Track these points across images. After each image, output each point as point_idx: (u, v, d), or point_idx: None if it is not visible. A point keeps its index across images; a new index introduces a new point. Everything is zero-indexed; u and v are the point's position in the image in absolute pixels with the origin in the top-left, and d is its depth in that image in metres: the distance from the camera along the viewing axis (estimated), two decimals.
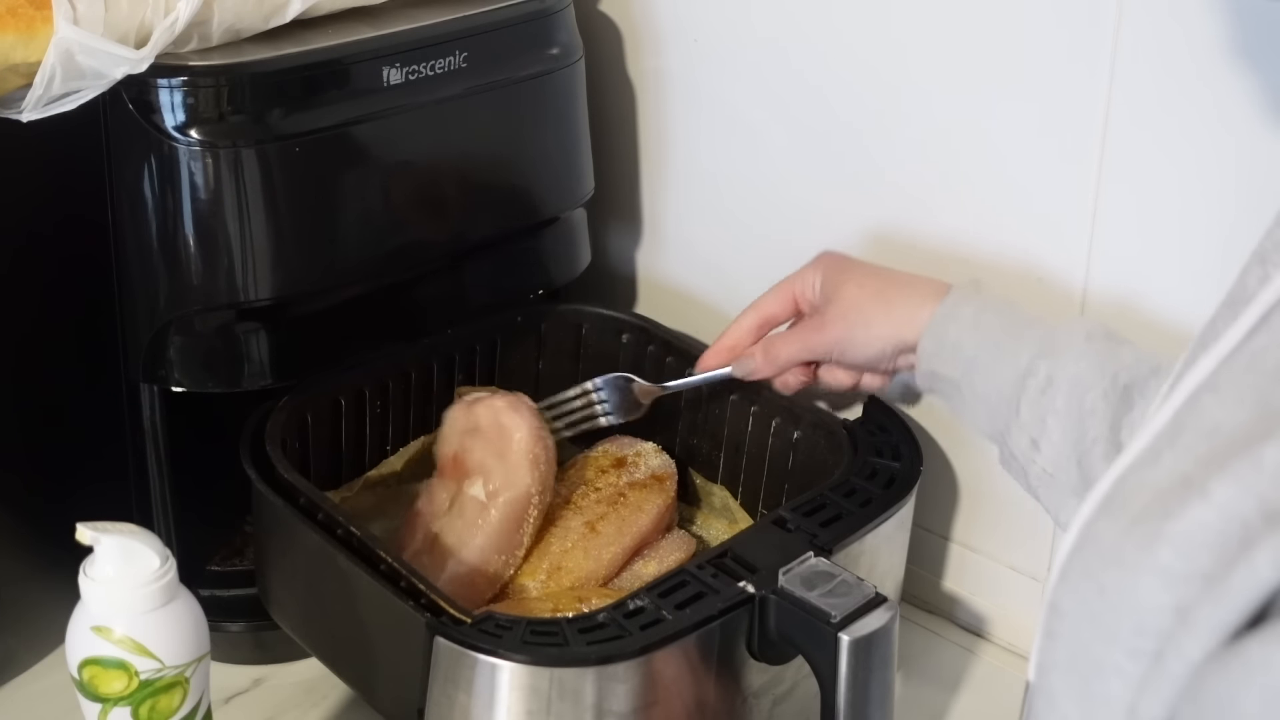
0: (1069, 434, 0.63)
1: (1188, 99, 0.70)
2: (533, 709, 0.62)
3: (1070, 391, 0.64)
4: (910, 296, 0.72)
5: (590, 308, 0.92)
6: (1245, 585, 0.34)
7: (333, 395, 0.82)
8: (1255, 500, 0.35)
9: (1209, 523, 0.35)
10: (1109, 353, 0.64)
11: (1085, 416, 0.63)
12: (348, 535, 0.68)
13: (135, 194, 0.73)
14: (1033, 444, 0.65)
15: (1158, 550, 0.36)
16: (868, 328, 0.73)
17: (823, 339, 0.74)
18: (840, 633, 0.61)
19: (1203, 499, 0.36)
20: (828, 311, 0.74)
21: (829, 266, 0.76)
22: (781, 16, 0.87)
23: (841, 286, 0.74)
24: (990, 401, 0.67)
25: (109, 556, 0.59)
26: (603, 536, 0.79)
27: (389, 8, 0.81)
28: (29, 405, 0.78)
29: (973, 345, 0.68)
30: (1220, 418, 0.39)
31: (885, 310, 0.72)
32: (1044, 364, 0.65)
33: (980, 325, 0.69)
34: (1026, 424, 0.65)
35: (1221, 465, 0.36)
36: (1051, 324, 0.68)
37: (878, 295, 0.73)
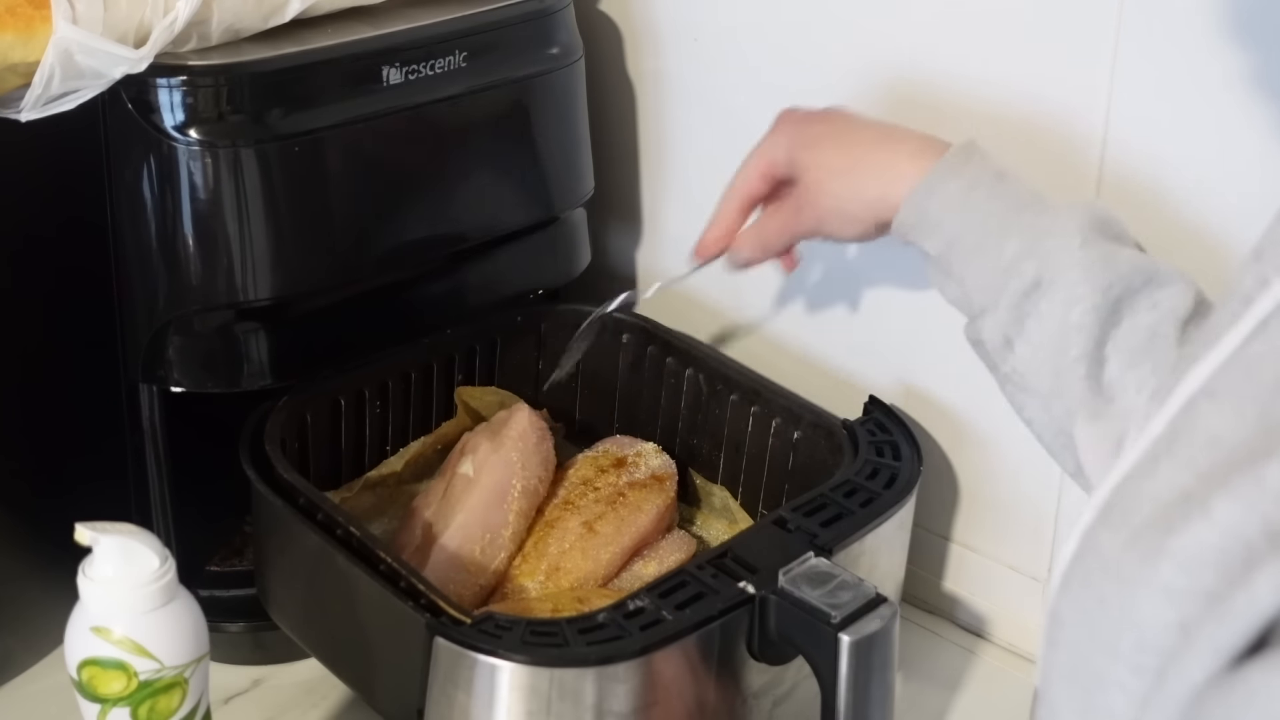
0: (1049, 343, 0.60)
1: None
2: (533, 709, 0.62)
3: (1057, 300, 0.59)
4: (889, 161, 0.66)
5: (589, 307, 0.91)
6: (1246, 610, 0.34)
7: (332, 395, 0.82)
8: (1258, 519, 0.34)
9: (1211, 541, 0.35)
10: (1104, 260, 0.59)
11: (1070, 330, 0.59)
12: (347, 535, 0.68)
13: (134, 194, 0.73)
14: (1006, 341, 0.61)
15: (1160, 566, 0.36)
16: (841, 210, 0.67)
17: (803, 221, 0.70)
18: (840, 633, 0.61)
19: (1204, 516, 0.35)
20: (801, 188, 0.69)
21: (794, 136, 0.70)
22: (781, 17, 0.87)
23: (809, 167, 0.68)
24: (966, 285, 0.63)
25: (108, 557, 0.59)
26: (601, 536, 0.79)
27: (389, 8, 0.81)
28: (28, 405, 0.78)
29: (955, 224, 0.63)
30: (1219, 428, 0.38)
31: (860, 180, 0.66)
32: (1032, 264, 0.60)
33: (967, 204, 0.63)
34: (1003, 320, 0.61)
35: (1223, 482, 0.36)
36: (1046, 208, 0.62)
37: (851, 165, 0.67)
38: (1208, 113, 0.69)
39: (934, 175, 0.64)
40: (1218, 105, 0.68)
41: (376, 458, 0.85)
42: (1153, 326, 0.58)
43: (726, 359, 0.87)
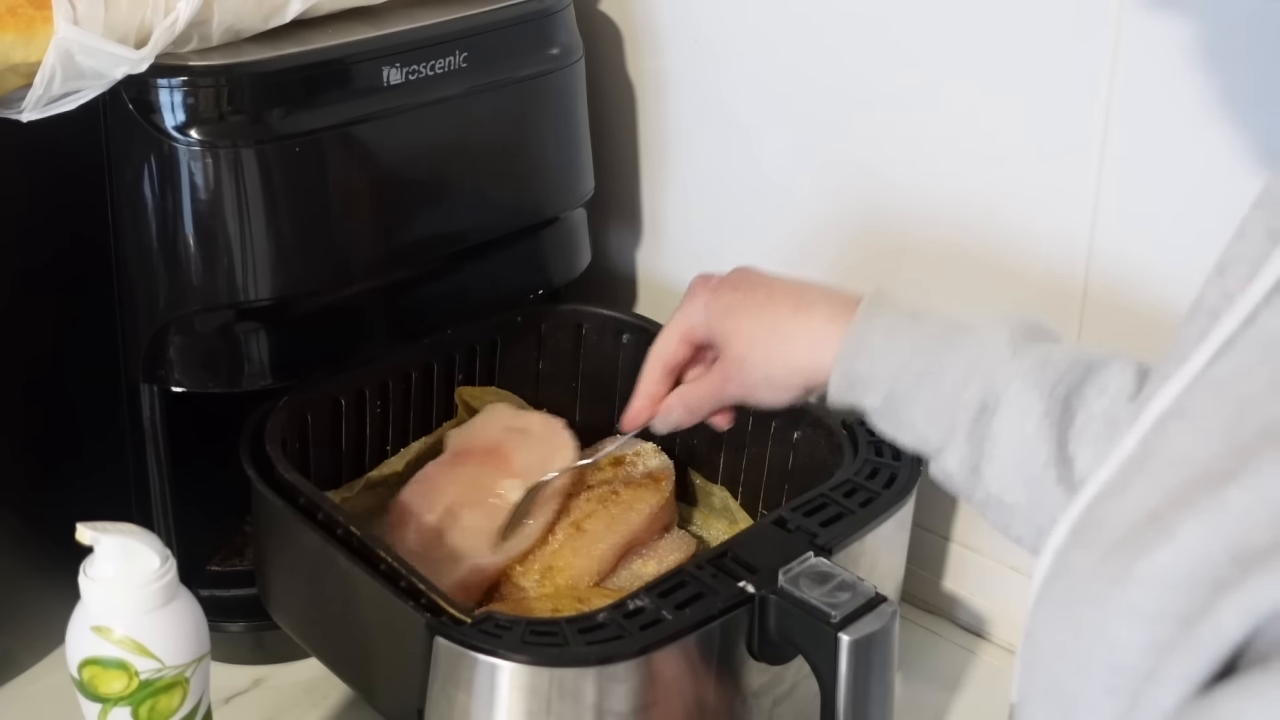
0: (1013, 459, 0.59)
1: (1189, 80, 0.69)
2: (533, 709, 0.62)
3: (1009, 416, 0.59)
4: (806, 328, 0.66)
5: (590, 308, 0.92)
6: (1212, 637, 0.34)
7: (333, 395, 0.82)
8: (1221, 542, 0.35)
9: (1177, 563, 0.35)
10: (1040, 365, 0.59)
11: (1029, 442, 0.58)
12: (347, 535, 0.68)
13: (135, 194, 0.73)
14: (973, 470, 0.61)
15: (1128, 589, 0.36)
16: (769, 379, 0.68)
17: (731, 390, 0.70)
18: (840, 633, 0.61)
19: (1170, 539, 0.36)
20: (726, 358, 0.69)
21: (711, 306, 0.70)
22: (781, 17, 0.87)
23: (731, 336, 0.69)
24: (917, 427, 0.62)
25: (109, 556, 0.59)
26: (589, 534, 0.79)
27: (389, 8, 0.81)
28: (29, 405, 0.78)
29: (888, 376, 0.63)
30: (1188, 447, 0.39)
31: (784, 350, 0.66)
32: (973, 389, 0.60)
33: (892, 352, 0.63)
34: (963, 451, 0.60)
35: (1188, 504, 0.36)
36: (968, 332, 0.62)
37: (770, 341, 0.67)
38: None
39: (852, 336, 0.64)
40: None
41: (377, 458, 0.85)
42: (1107, 412, 0.58)
43: None
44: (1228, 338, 0.39)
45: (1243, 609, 0.33)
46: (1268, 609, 0.33)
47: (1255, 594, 0.33)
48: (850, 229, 0.88)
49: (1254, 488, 0.35)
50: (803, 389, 0.67)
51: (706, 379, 0.72)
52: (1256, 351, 0.38)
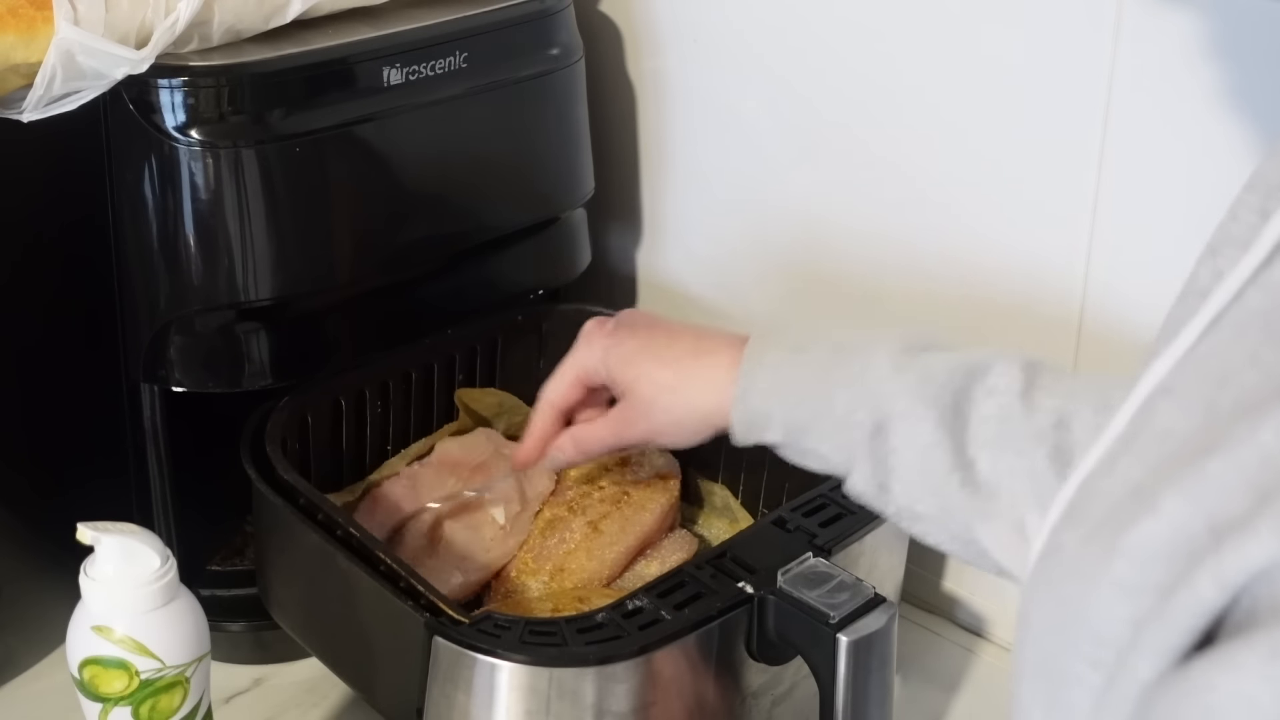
0: (915, 471, 0.60)
1: (1187, 103, 0.70)
2: (531, 709, 0.62)
3: (901, 431, 0.60)
4: (709, 374, 0.67)
5: (591, 307, 0.91)
6: (1189, 607, 0.34)
7: (333, 395, 0.82)
8: (1202, 513, 0.35)
9: (1159, 535, 0.35)
10: (920, 376, 0.61)
11: (927, 452, 0.59)
12: (347, 535, 0.69)
13: (136, 194, 0.73)
14: (881, 487, 0.62)
15: (1113, 563, 0.36)
16: (675, 424, 0.69)
17: (632, 434, 0.71)
18: (839, 633, 0.61)
19: (1152, 512, 0.36)
20: (630, 402, 0.70)
21: (611, 352, 0.71)
22: (781, 17, 0.87)
23: (633, 383, 0.70)
24: (821, 455, 0.64)
25: (109, 556, 0.59)
26: (605, 536, 0.79)
27: (389, 8, 0.81)
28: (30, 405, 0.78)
29: (782, 411, 0.64)
30: (1172, 422, 0.39)
31: (688, 396, 0.68)
32: (863, 411, 0.61)
33: (781, 386, 0.64)
34: (868, 471, 0.62)
35: (1169, 476, 0.36)
36: (852, 355, 0.63)
37: (676, 381, 0.68)
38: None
39: (742, 379, 0.65)
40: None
41: (377, 458, 0.85)
42: (998, 412, 0.59)
43: None
44: (1215, 315, 0.40)
45: (1218, 577, 0.34)
46: (1243, 576, 0.33)
47: (1229, 561, 0.33)
48: (849, 228, 0.88)
49: (1229, 457, 0.35)
50: (707, 431, 0.68)
51: (605, 421, 0.72)
52: (1238, 327, 0.39)
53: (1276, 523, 0.33)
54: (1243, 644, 0.32)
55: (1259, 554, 0.33)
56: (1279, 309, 0.38)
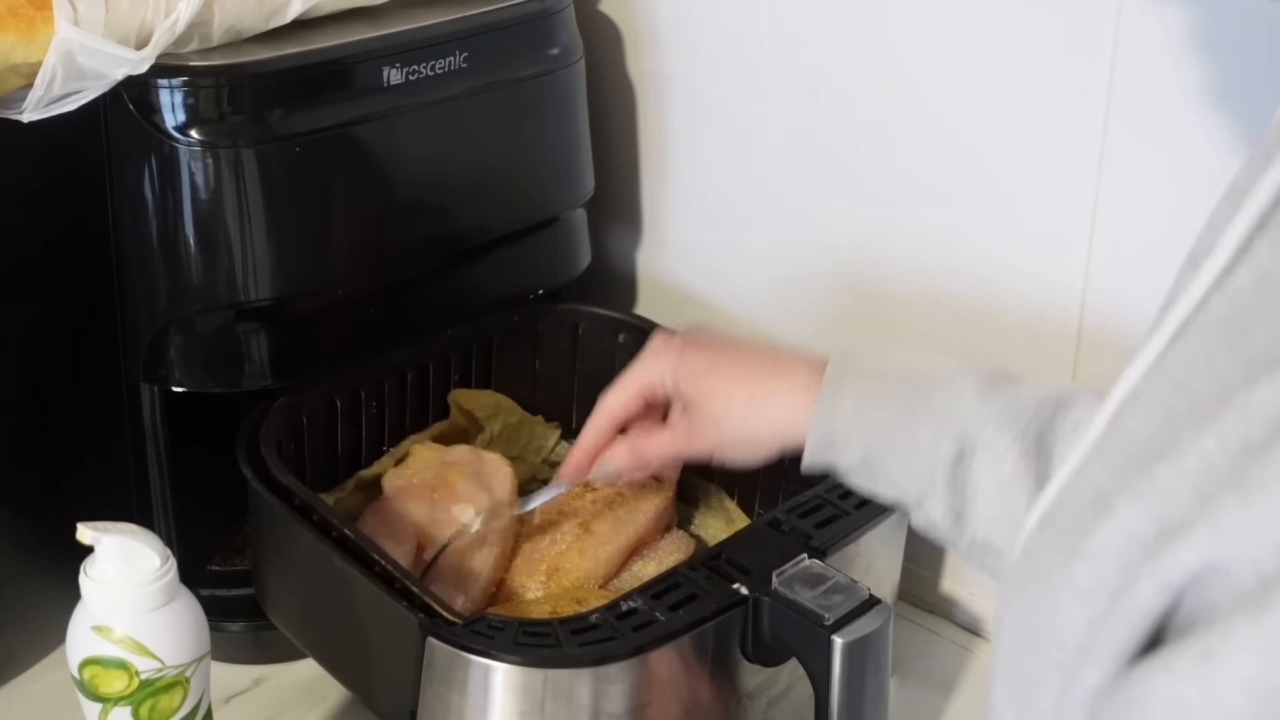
0: (995, 502, 0.60)
1: (1186, 109, 0.70)
2: (525, 710, 0.62)
3: (986, 461, 0.60)
4: (787, 393, 0.66)
5: (587, 307, 0.92)
6: (1130, 612, 0.34)
7: (329, 396, 0.82)
8: (1150, 517, 0.35)
9: (1112, 539, 0.36)
10: (1009, 406, 0.60)
11: (1010, 484, 0.59)
12: (342, 536, 0.69)
13: (135, 194, 0.73)
14: (958, 517, 0.61)
15: (1073, 567, 0.37)
16: (747, 439, 0.68)
17: (698, 448, 0.70)
18: (834, 635, 0.61)
19: (1109, 516, 0.36)
20: (700, 416, 0.69)
21: (680, 364, 0.70)
22: (781, 18, 0.87)
23: (704, 396, 0.68)
24: (897, 483, 0.63)
25: (109, 556, 0.59)
26: (597, 536, 0.79)
27: (389, 8, 0.81)
28: (30, 405, 0.79)
29: (862, 435, 0.63)
30: (1135, 427, 0.39)
31: (763, 414, 0.67)
32: (947, 439, 0.61)
33: (863, 410, 0.64)
34: (945, 499, 0.61)
35: (1125, 481, 0.37)
36: (936, 384, 0.63)
37: (751, 398, 0.67)
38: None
39: (823, 401, 0.64)
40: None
41: (373, 458, 0.85)
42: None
43: None
44: (1182, 322, 0.40)
45: (1158, 581, 0.34)
46: (1180, 578, 0.33)
47: (1166, 565, 0.34)
48: (848, 229, 0.88)
49: (1176, 461, 0.35)
50: (779, 449, 0.67)
51: (667, 434, 0.71)
52: (1201, 333, 0.39)
53: (1210, 526, 0.33)
54: (1177, 647, 0.33)
55: (1193, 557, 0.33)
56: (1238, 315, 0.38)
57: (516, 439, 0.91)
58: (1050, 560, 0.38)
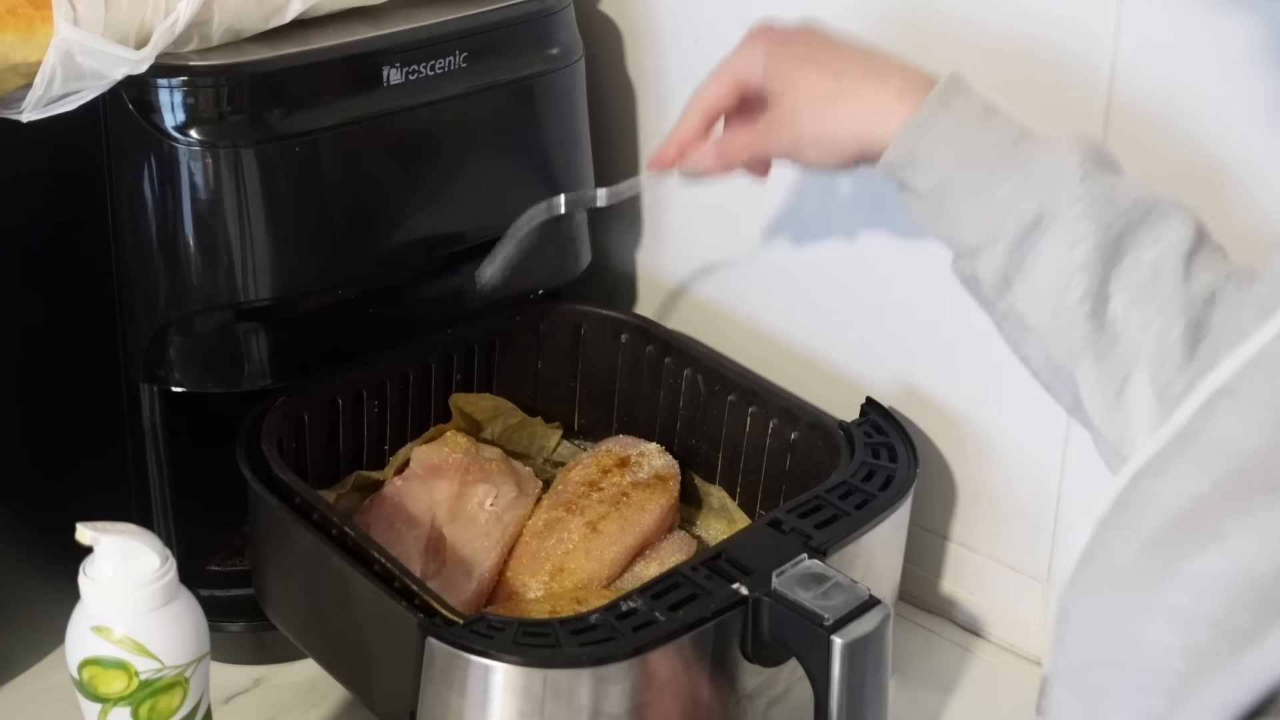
0: (1050, 282, 0.58)
1: None
2: (525, 710, 0.62)
3: (1059, 239, 0.57)
4: (876, 94, 0.63)
5: (588, 307, 0.92)
6: (1254, 670, 0.33)
7: (330, 395, 0.82)
8: (1270, 556, 0.33)
9: (1222, 572, 0.34)
10: (1105, 196, 0.58)
11: (1073, 270, 0.57)
12: (342, 535, 0.69)
13: (135, 194, 0.73)
14: (1005, 280, 0.59)
15: (1170, 589, 0.35)
16: (823, 136, 0.64)
17: (778, 142, 0.66)
18: (833, 635, 0.61)
19: (1219, 544, 0.34)
20: (779, 109, 0.66)
21: (771, 53, 0.67)
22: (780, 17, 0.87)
23: (789, 87, 0.65)
24: (961, 223, 0.60)
25: (109, 556, 0.59)
26: (604, 536, 0.79)
27: (389, 8, 0.81)
28: (29, 405, 0.79)
29: (948, 163, 0.60)
30: (1236, 432, 0.37)
31: (846, 111, 0.63)
32: (1031, 200, 0.58)
33: (959, 141, 0.60)
34: (1001, 259, 0.59)
35: (1238, 505, 0.35)
36: (1039, 143, 0.60)
37: (831, 99, 0.64)
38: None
39: (924, 113, 0.61)
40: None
41: (374, 457, 0.86)
42: (1156, 261, 0.57)
43: (725, 359, 0.87)
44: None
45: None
46: None
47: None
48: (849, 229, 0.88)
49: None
50: (854, 154, 0.64)
51: (749, 129, 0.69)
52: None
53: None
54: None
55: None
56: None
57: (518, 440, 0.91)
58: (1136, 573, 0.37)
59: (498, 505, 0.80)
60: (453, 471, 0.82)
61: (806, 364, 0.91)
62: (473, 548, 0.79)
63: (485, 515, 0.80)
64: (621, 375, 0.91)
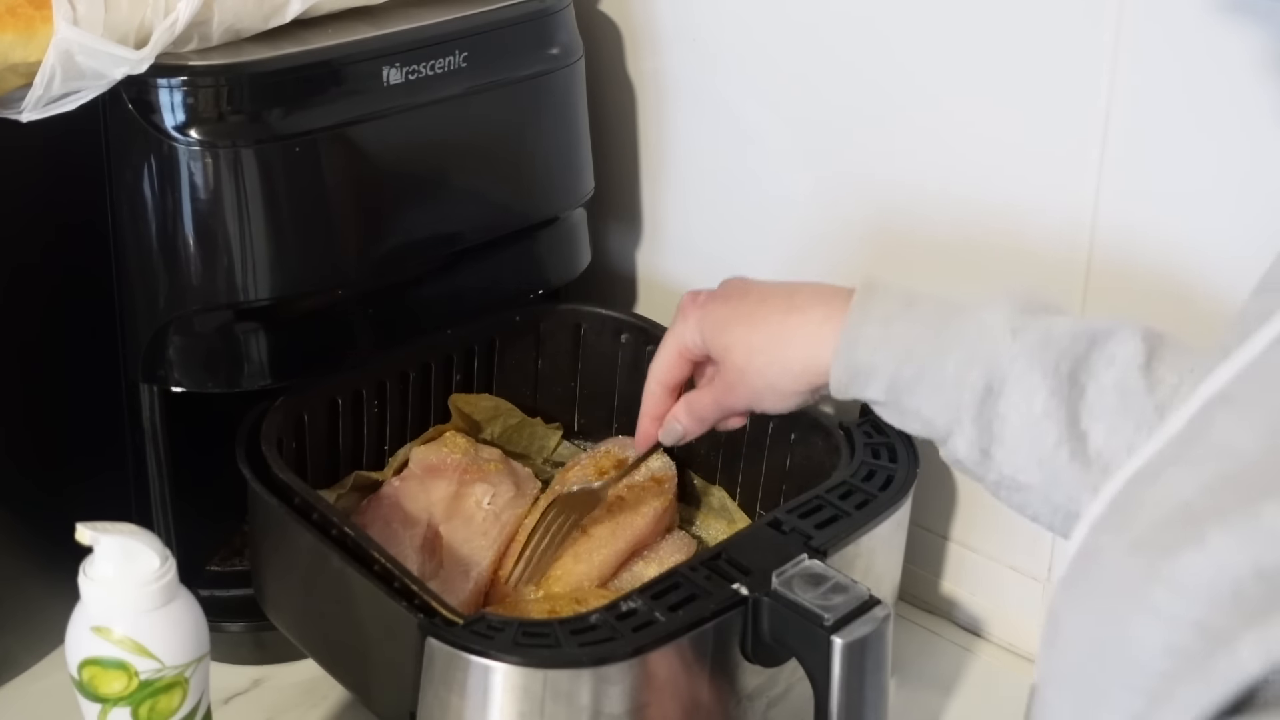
0: (1024, 440, 0.58)
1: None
2: (525, 711, 0.62)
3: (1015, 397, 0.58)
4: (801, 329, 0.65)
5: (588, 307, 0.92)
6: (1227, 672, 0.33)
7: (329, 395, 0.82)
8: (1249, 560, 0.34)
9: (1202, 572, 0.34)
10: (1041, 340, 0.58)
11: (1038, 421, 0.57)
12: (342, 536, 0.69)
13: (135, 194, 0.73)
14: (983, 453, 0.60)
15: (1153, 588, 0.35)
16: (773, 387, 0.67)
17: (734, 400, 0.70)
18: (833, 635, 0.61)
19: (1199, 546, 0.35)
20: (726, 370, 0.69)
21: (704, 323, 0.70)
22: (781, 16, 0.87)
23: (728, 350, 0.68)
24: (923, 414, 0.62)
25: (109, 556, 0.59)
26: (594, 539, 0.79)
27: (389, 8, 0.81)
28: (30, 405, 0.79)
29: (888, 363, 0.62)
30: (1228, 437, 0.37)
31: (782, 355, 0.66)
32: (976, 372, 0.59)
33: (890, 341, 0.62)
34: (971, 435, 0.60)
35: (1221, 509, 0.35)
36: (966, 314, 0.61)
37: (768, 350, 0.67)
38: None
39: (848, 327, 0.63)
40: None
41: (373, 457, 0.86)
42: (1118, 384, 0.57)
43: None
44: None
45: (1262, 648, 0.32)
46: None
47: (1275, 634, 0.32)
48: (850, 227, 0.88)
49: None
50: (807, 392, 0.67)
51: (710, 388, 0.72)
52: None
53: None
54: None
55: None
56: None
57: (517, 440, 0.91)
58: (1123, 572, 0.37)
59: (495, 504, 0.80)
60: (451, 471, 0.82)
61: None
62: (470, 547, 0.79)
63: (483, 514, 0.80)
64: (621, 375, 0.91)
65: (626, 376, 0.91)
